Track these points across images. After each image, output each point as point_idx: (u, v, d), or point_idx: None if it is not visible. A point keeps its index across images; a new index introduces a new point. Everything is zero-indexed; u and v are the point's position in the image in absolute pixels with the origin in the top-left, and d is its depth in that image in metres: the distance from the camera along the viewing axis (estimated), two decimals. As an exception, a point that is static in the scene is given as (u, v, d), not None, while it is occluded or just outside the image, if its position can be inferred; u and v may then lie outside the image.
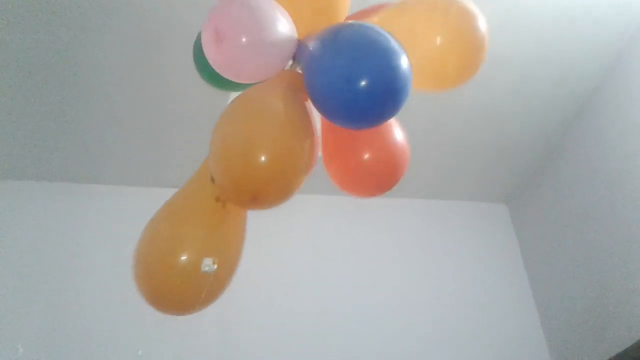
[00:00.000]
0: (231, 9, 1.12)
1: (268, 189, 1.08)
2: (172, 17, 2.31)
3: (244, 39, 1.07)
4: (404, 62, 1.00)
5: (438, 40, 1.12)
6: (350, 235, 3.22)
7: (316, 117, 1.30)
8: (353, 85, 0.96)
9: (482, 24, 1.21)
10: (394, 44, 1.00)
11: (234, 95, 1.29)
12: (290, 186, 1.10)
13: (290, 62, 1.23)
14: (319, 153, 1.29)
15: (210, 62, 1.14)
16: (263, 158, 1.02)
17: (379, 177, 1.27)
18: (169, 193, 3.03)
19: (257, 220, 3.12)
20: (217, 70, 1.17)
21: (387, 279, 3.12)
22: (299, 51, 1.17)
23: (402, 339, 2.93)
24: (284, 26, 1.12)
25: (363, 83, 0.95)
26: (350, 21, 1.13)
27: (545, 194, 3.32)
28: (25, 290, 2.64)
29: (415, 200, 3.49)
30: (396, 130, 1.26)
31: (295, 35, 1.17)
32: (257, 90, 1.14)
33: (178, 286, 1.05)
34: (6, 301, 2.58)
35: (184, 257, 1.04)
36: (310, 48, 1.09)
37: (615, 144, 2.74)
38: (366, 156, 1.21)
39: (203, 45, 1.14)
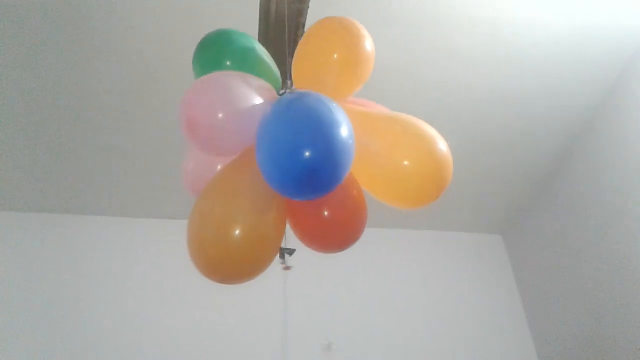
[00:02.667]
0: (200, 95, 1.16)
1: (238, 270, 1.14)
2: (169, 52, 2.38)
3: (215, 123, 1.11)
4: (343, 132, 1.00)
5: (403, 163, 1.13)
6: (347, 266, 3.24)
7: None
8: (292, 156, 0.97)
9: (443, 151, 1.20)
10: (337, 116, 1.01)
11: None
12: (259, 267, 1.16)
13: None
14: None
15: (191, 143, 1.20)
16: (234, 241, 1.08)
17: (338, 235, 1.27)
18: (164, 224, 3.12)
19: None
20: (200, 150, 1.23)
21: (383, 308, 3.14)
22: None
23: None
24: (253, 99, 1.14)
25: (301, 154, 0.95)
26: (301, 92, 1.15)
27: (539, 225, 3.35)
28: (21, 317, 2.65)
29: (411, 231, 3.53)
30: (354, 189, 1.26)
31: (266, 104, 1.19)
32: (229, 169, 1.20)
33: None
34: (2, 328, 2.59)
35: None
36: (262, 118, 1.11)
37: (608, 177, 2.79)
38: (325, 216, 1.22)
39: (182, 130, 1.19)
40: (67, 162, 2.77)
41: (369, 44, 1.29)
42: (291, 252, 1.65)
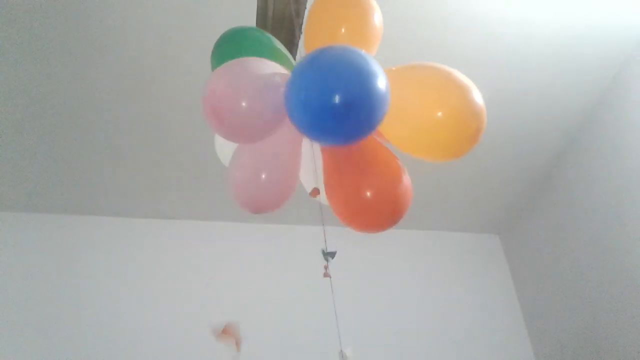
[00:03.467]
0: (221, 83, 1.16)
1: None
2: (166, 54, 2.38)
3: (240, 111, 1.11)
4: (380, 82, 1.00)
5: (434, 114, 1.09)
6: (342, 266, 3.23)
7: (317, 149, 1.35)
8: (323, 100, 0.96)
9: (478, 99, 1.16)
10: (371, 65, 1.01)
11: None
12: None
13: None
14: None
15: (218, 132, 1.21)
16: None
17: (381, 215, 1.23)
18: (164, 225, 3.12)
19: (262, 252, 3.17)
20: (227, 138, 1.24)
21: (379, 308, 3.15)
22: None
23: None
24: (275, 79, 1.14)
25: (333, 97, 0.95)
26: (334, 45, 1.13)
27: (536, 224, 3.36)
28: (20, 319, 2.65)
29: (409, 231, 3.53)
30: (402, 169, 1.24)
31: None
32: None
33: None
34: (2, 330, 2.59)
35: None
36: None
37: (604, 177, 2.80)
38: (369, 194, 1.18)
39: (206, 121, 1.19)
40: (64, 161, 2.77)
41: (377, 18, 1.29)
42: (333, 255, 1.64)
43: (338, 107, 0.95)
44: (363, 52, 1.05)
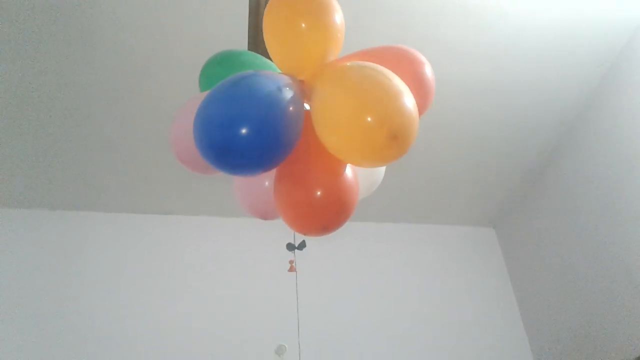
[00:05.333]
0: (179, 131, 1.22)
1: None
2: (162, 49, 2.37)
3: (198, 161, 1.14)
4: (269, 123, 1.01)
5: (361, 120, 1.04)
6: (336, 260, 3.25)
7: None
8: (205, 141, 1.01)
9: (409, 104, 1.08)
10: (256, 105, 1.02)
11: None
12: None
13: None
14: None
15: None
16: None
17: (324, 216, 1.18)
18: (161, 220, 3.12)
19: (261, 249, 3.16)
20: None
21: (376, 301, 3.15)
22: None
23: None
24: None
25: (211, 140, 1.00)
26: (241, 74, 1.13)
27: (531, 217, 3.37)
28: (21, 315, 2.65)
29: (404, 224, 3.54)
30: (349, 171, 1.20)
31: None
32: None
33: None
34: (3, 326, 2.59)
35: None
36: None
37: (599, 170, 2.80)
38: (318, 193, 1.15)
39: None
40: (61, 158, 2.76)
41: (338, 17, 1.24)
42: (302, 246, 1.61)
43: (215, 151, 1.00)
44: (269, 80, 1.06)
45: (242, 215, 3.22)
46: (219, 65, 1.41)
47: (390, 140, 1.03)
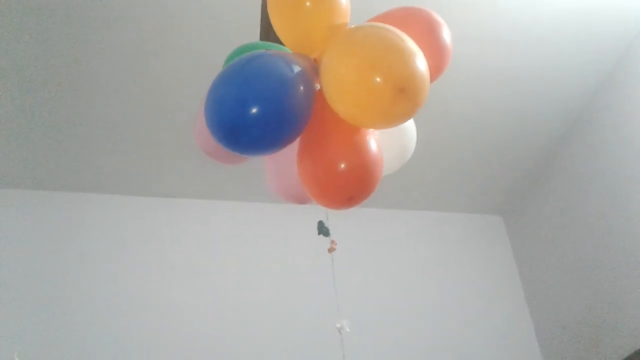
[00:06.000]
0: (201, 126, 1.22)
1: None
2: (168, 33, 2.36)
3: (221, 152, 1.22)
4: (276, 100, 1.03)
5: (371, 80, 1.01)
6: (343, 246, 3.23)
7: None
8: (215, 120, 1.03)
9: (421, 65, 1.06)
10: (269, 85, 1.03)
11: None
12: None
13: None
14: None
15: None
16: None
17: (351, 187, 1.17)
18: (163, 203, 3.12)
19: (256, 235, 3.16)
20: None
21: (380, 289, 3.14)
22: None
23: (395, 350, 2.94)
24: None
25: (222, 121, 1.02)
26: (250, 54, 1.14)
27: (539, 206, 3.34)
28: (21, 298, 2.66)
29: (411, 211, 3.53)
30: (372, 141, 1.19)
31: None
32: None
33: None
34: (3, 308, 2.60)
35: None
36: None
37: (608, 157, 2.77)
38: (341, 164, 1.14)
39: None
40: (64, 139, 2.75)
41: None
42: (327, 232, 1.64)
43: (224, 130, 1.03)
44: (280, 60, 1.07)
45: (248, 199, 3.23)
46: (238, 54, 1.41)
47: (397, 94, 1.01)
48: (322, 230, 1.55)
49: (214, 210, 3.21)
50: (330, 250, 1.60)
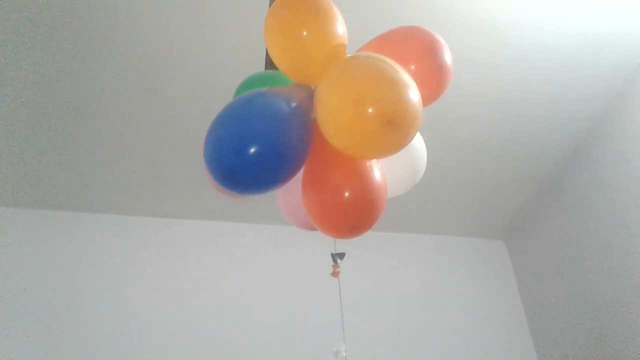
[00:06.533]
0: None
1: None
2: (174, 53, 2.39)
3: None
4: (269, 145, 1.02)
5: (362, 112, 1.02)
6: (345, 270, 3.21)
7: None
8: (213, 163, 1.04)
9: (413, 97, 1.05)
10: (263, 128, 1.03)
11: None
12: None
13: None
14: None
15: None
16: None
17: (353, 217, 1.16)
18: (168, 224, 3.11)
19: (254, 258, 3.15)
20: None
21: (383, 312, 3.12)
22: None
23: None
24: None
25: (219, 163, 1.03)
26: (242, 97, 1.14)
27: (542, 231, 3.33)
28: (25, 318, 2.65)
29: (414, 235, 3.52)
30: (375, 170, 1.19)
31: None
32: None
33: None
34: (6, 329, 2.59)
35: None
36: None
37: (612, 183, 2.77)
38: (343, 193, 1.14)
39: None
40: (69, 159, 2.77)
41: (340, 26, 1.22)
42: (342, 256, 1.65)
43: (222, 175, 1.03)
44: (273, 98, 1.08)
45: (253, 221, 3.23)
46: (252, 87, 1.41)
47: (386, 126, 1.01)
48: (336, 258, 1.56)
49: (220, 231, 3.21)
50: (334, 274, 1.59)
